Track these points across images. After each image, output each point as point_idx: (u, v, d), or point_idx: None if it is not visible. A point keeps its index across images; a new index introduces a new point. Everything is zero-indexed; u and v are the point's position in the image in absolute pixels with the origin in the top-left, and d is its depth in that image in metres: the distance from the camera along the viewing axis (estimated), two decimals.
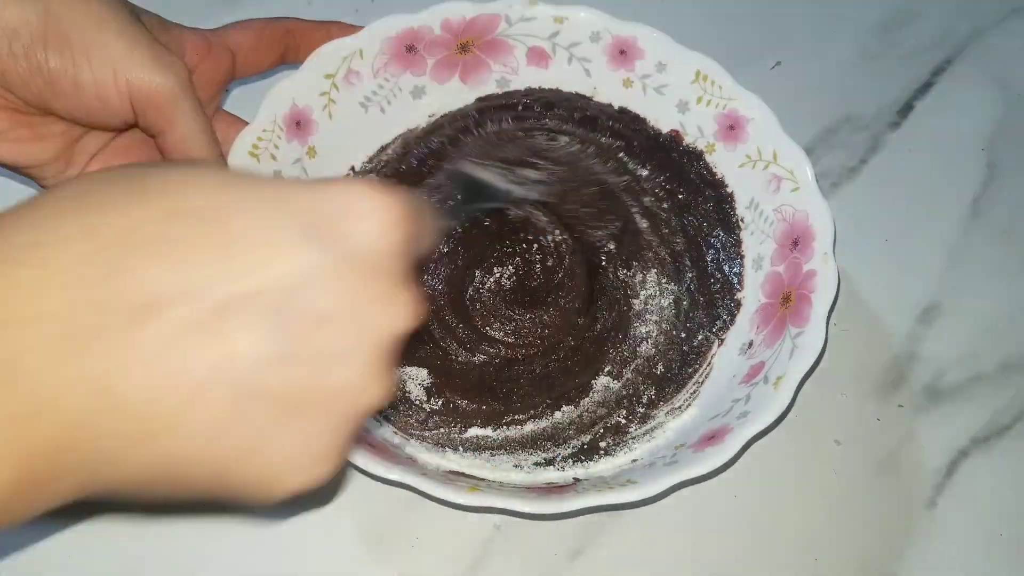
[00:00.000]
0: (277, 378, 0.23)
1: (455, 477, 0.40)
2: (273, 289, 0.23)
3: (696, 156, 0.48)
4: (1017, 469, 0.45)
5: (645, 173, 0.49)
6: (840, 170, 0.53)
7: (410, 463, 0.40)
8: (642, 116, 0.50)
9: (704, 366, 0.45)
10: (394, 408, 0.44)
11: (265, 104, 0.45)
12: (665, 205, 0.49)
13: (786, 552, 0.43)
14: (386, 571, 0.41)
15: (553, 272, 0.47)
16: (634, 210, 0.49)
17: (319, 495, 0.43)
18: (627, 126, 0.50)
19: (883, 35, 0.58)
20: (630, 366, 0.46)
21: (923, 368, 0.47)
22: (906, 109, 0.55)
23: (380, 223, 0.25)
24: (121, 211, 0.23)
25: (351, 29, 0.47)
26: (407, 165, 0.49)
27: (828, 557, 0.43)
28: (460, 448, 0.43)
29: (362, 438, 0.39)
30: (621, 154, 0.50)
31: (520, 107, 0.50)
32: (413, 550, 0.42)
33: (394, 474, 0.37)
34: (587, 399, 0.45)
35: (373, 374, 0.25)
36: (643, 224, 0.48)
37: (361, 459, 0.37)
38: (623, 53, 0.48)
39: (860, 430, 0.46)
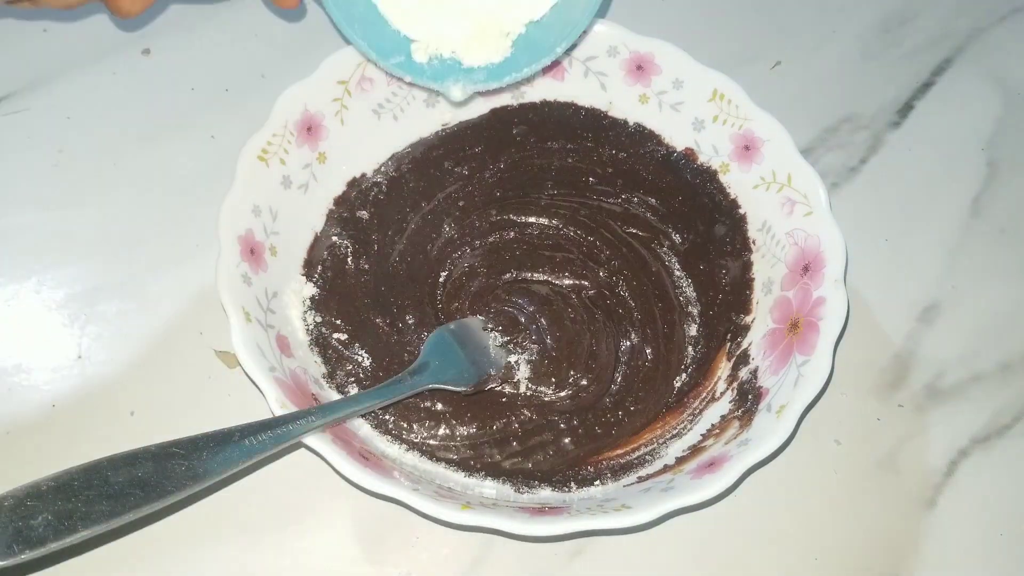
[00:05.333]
0: None
1: (447, 493, 0.40)
2: None
3: (710, 175, 0.47)
4: (1017, 469, 0.45)
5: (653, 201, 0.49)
6: (840, 170, 0.53)
7: (404, 475, 0.40)
8: (657, 133, 0.49)
9: (707, 391, 0.45)
10: (396, 416, 0.44)
11: (276, 108, 0.44)
12: (676, 227, 0.48)
13: (786, 552, 0.43)
14: (386, 571, 0.41)
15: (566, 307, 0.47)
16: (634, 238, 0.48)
17: None
18: (639, 146, 0.49)
19: (883, 35, 0.58)
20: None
21: (923, 368, 0.47)
22: (906, 109, 0.55)
23: None
24: None
25: None
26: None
27: (828, 557, 0.43)
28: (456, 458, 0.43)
29: (356, 449, 0.39)
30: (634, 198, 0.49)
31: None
32: (413, 550, 0.42)
33: (384, 489, 0.37)
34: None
35: None
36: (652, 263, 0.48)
37: (353, 472, 0.37)
38: (640, 68, 0.47)
39: (860, 430, 0.46)
